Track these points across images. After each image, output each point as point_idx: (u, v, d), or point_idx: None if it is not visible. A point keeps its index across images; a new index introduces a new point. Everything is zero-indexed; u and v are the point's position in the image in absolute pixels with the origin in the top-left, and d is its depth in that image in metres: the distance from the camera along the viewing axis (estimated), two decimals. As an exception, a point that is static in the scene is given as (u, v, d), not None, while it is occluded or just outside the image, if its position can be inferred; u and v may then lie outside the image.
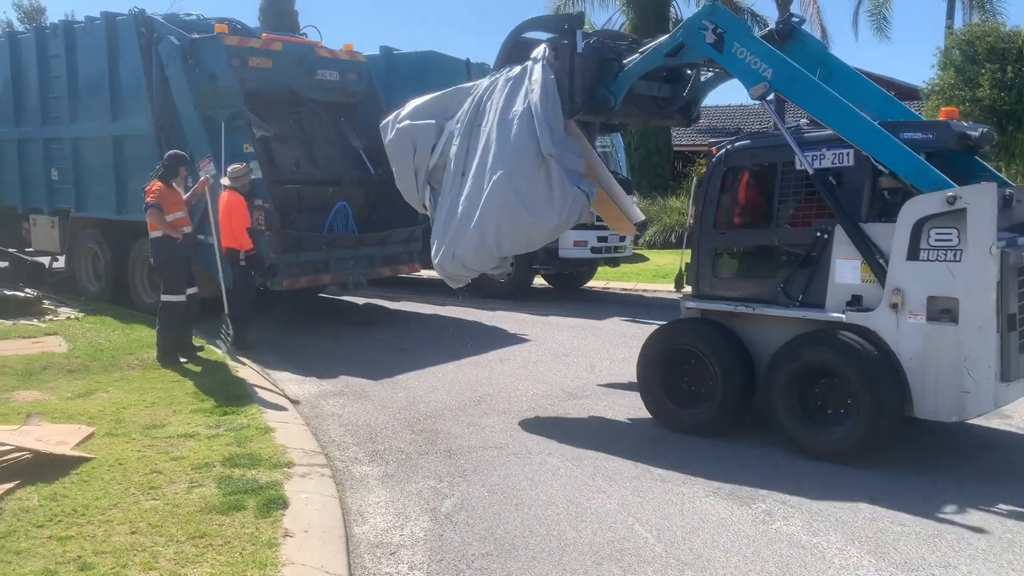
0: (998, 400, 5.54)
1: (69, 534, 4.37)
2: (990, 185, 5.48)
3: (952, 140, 5.94)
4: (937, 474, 5.62)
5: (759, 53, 6.06)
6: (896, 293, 5.57)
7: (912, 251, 5.53)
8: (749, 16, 27.04)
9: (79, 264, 12.41)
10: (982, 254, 5.32)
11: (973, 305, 5.38)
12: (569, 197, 6.53)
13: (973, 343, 5.38)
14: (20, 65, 12.52)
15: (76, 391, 7.16)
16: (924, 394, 5.58)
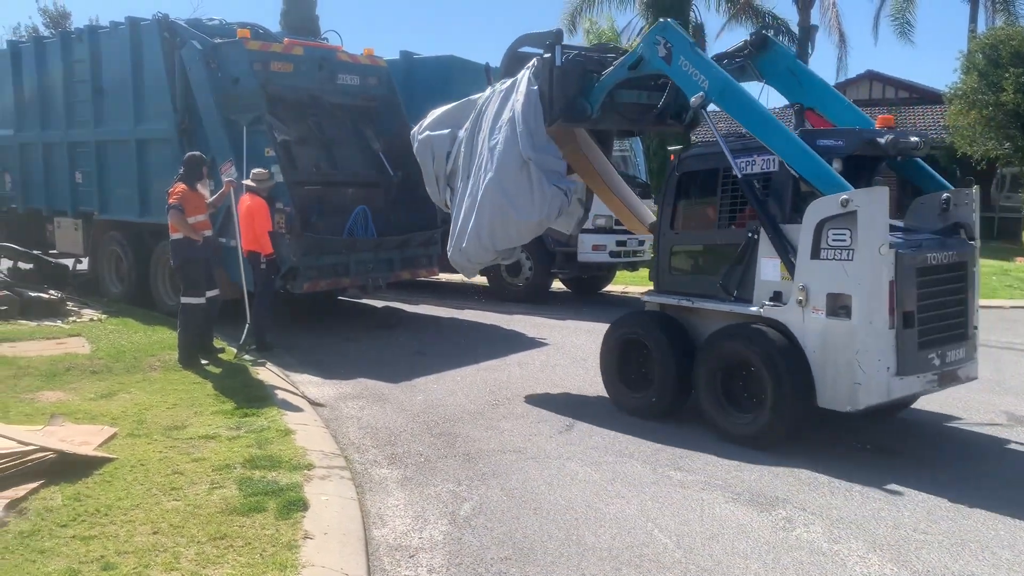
0: (891, 392, 5.88)
1: (92, 534, 4.41)
2: (881, 189, 5.89)
3: (860, 146, 6.32)
4: (964, 483, 5.57)
5: (699, 66, 6.60)
6: (802, 290, 5.97)
7: (814, 250, 5.93)
8: (770, 19, 26.94)
9: (102, 266, 12.54)
10: (872, 254, 5.71)
11: (864, 302, 5.75)
12: (548, 195, 7.16)
13: (864, 338, 5.75)
14: (46, 70, 12.67)
15: (99, 392, 7.23)
16: (825, 385, 5.96)
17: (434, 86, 12.87)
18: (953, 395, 7.62)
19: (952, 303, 6.34)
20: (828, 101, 7.10)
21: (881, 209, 5.79)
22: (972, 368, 6.55)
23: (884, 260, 5.74)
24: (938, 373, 6.17)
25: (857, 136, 6.39)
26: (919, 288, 5.97)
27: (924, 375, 6.07)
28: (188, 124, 10.47)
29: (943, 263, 6.20)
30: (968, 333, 6.47)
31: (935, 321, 6.14)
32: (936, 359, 6.14)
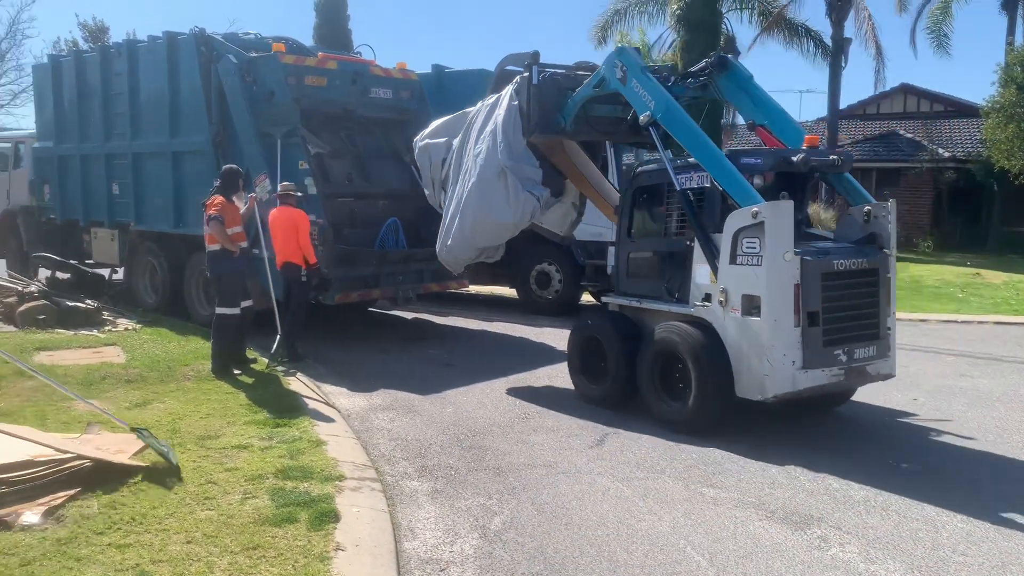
0: (796, 384, 6.45)
1: (127, 542, 4.46)
2: (786, 203, 6.55)
3: (777, 164, 6.97)
4: (1005, 504, 5.46)
5: (648, 88, 7.35)
6: (722, 292, 6.67)
7: (732, 256, 6.61)
8: (803, 31, 26.75)
9: (137, 276, 12.71)
10: (777, 259, 6.37)
11: (772, 302, 6.40)
12: (521, 200, 7.99)
13: (772, 334, 6.40)
14: (85, 83, 12.91)
15: (134, 401, 7.31)
16: (741, 376, 6.63)
17: (465, 99, 12.88)
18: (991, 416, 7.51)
19: (862, 305, 6.90)
20: (775, 118, 7.72)
21: (785, 220, 6.43)
22: (885, 366, 7.03)
23: (789, 265, 6.39)
24: (844, 368, 6.71)
25: (774, 155, 7.07)
26: (824, 291, 6.57)
27: (829, 369, 6.62)
28: (223, 137, 10.60)
29: (851, 269, 6.79)
30: (880, 333, 6.99)
31: (842, 321, 6.72)
32: (843, 355, 6.69)
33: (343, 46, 27.62)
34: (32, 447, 5.35)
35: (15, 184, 15.67)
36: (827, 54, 26.01)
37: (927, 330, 12.38)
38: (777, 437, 6.92)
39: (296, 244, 9.04)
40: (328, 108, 10.93)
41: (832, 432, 7.15)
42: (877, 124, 29.19)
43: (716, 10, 24.53)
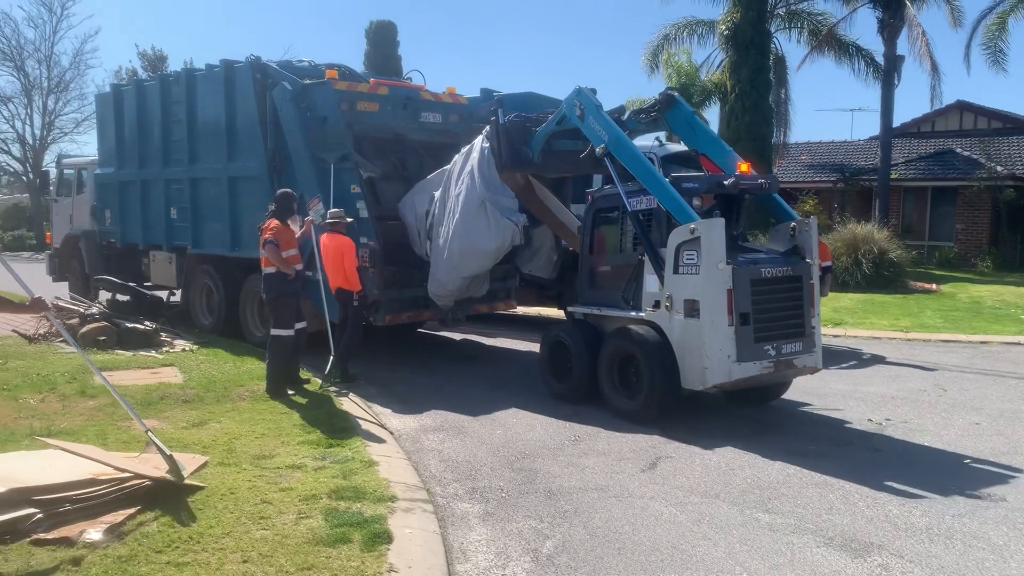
0: (731, 375, 7.42)
1: (185, 560, 4.53)
2: (718, 220, 7.56)
3: (712, 188, 8.07)
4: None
5: (601, 124, 8.47)
6: (668, 298, 7.71)
7: (675, 267, 7.65)
8: (854, 50, 26.44)
9: (194, 298, 12.99)
10: (712, 269, 7.39)
11: (707, 305, 7.44)
12: (502, 226, 8.94)
13: (708, 333, 7.41)
14: (145, 111, 13.29)
15: (191, 421, 7.45)
16: (684, 370, 7.65)
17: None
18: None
19: (788, 307, 7.92)
20: (714, 148, 8.89)
21: (718, 235, 7.43)
22: (811, 359, 8.03)
23: (722, 273, 7.36)
24: (773, 361, 7.69)
25: (708, 180, 8.19)
26: (753, 295, 7.55)
27: (760, 362, 7.60)
28: (278, 162, 10.81)
29: (777, 276, 7.83)
30: (805, 331, 7.99)
31: (770, 320, 7.71)
32: (772, 350, 7.67)
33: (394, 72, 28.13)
34: (94, 466, 5.49)
35: (78, 209, 16.17)
36: (879, 72, 25.64)
37: (988, 352, 12.05)
38: (832, 462, 6.78)
39: (343, 271, 9.18)
40: (379, 133, 11.08)
41: (889, 458, 6.98)
42: (932, 142, 28.64)
43: (765, 30, 24.41)
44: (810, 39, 27.00)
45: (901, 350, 12.60)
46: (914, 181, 26.69)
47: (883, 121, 25.08)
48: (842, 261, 18.70)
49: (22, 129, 43.54)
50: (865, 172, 27.36)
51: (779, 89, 27.08)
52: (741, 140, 23.61)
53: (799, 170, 29.46)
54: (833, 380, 10.29)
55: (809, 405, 8.91)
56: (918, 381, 10.27)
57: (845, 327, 14.52)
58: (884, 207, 24.23)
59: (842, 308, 16.28)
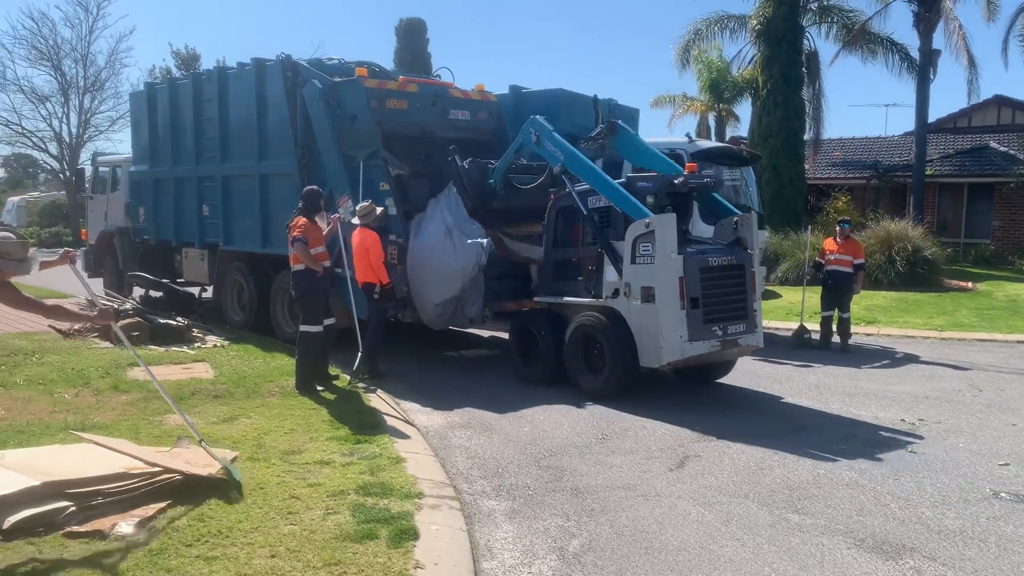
0: (684, 352, 8.30)
1: (214, 554, 4.57)
2: (670, 216, 8.46)
3: (664, 186, 9.00)
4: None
5: (557, 145, 9.48)
6: (627, 286, 8.54)
7: (632, 258, 8.49)
8: (888, 45, 26.05)
9: (225, 295, 13.13)
10: (665, 258, 8.26)
11: (662, 292, 8.30)
12: (466, 248, 9.62)
13: (664, 316, 8.28)
14: (178, 109, 13.45)
15: (221, 416, 7.53)
16: (642, 350, 8.48)
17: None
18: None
19: (732, 292, 8.76)
20: (658, 163, 9.83)
21: (670, 229, 8.32)
22: (752, 338, 8.89)
23: (674, 263, 8.23)
24: (720, 341, 8.57)
25: (661, 179, 9.14)
26: (702, 281, 8.42)
27: (709, 341, 8.47)
28: (308, 159, 10.88)
29: (723, 264, 8.69)
30: (748, 314, 8.85)
31: (717, 304, 8.58)
32: (719, 331, 8.56)
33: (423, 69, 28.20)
34: (126, 460, 5.56)
35: (112, 206, 16.41)
36: (913, 67, 25.24)
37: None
38: (864, 462, 6.69)
39: (369, 264, 9.23)
40: (408, 130, 11.11)
41: (922, 459, 6.87)
42: (969, 137, 28.14)
43: (797, 24, 24.13)
44: (843, 34, 26.65)
45: (935, 349, 12.41)
46: (950, 177, 26.23)
47: (918, 116, 24.68)
48: (875, 259, 18.41)
49: (59, 127, 44.28)
50: (899, 168, 26.94)
51: (811, 84, 26.73)
52: (773, 136, 23.38)
53: (830, 167, 29.10)
54: (865, 380, 10.16)
55: (841, 405, 8.80)
56: (953, 381, 10.10)
57: (878, 325, 14.33)
58: (919, 204, 23.85)
59: (875, 306, 16.06)
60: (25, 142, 45.28)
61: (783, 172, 23.18)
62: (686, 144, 12.73)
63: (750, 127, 25.18)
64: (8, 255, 5.02)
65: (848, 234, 12.54)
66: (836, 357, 11.72)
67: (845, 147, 30.86)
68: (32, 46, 42.31)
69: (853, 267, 12.31)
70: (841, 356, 11.81)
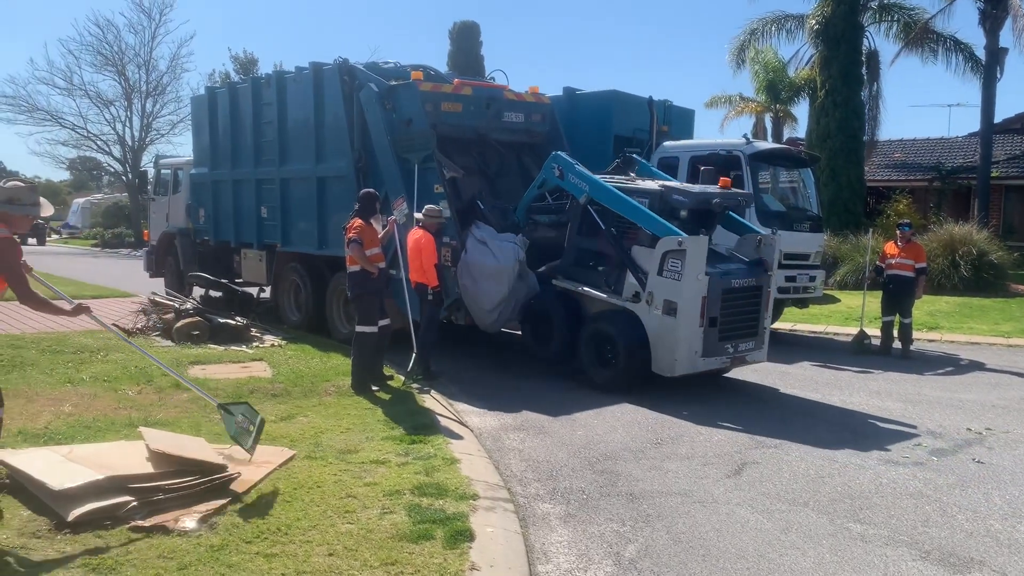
0: (695, 367, 8.78)
1: (274, 551, 4.63)
2: (702, 238, 8.76)
3: (698, 204, 9.25)
4: None
5: (580, 177, 9.69)
6: (650, 295, 8.83)
7: (660, 270, 8.76)
8: (952, 43, 25.36)
9: (282, 295, 13.32)
10: (693, 278, 8.56)
11: (685, 308, 8.60)
12: (503, 248, 9.92)
13: (683, 331, 8.63)
14: (238, 112, 13.70)
15: (279, 415, 7.63)
16: (656, 357, 8.83)
17: (596, 121, 12.96)
18: None
19: (747, 312, 9.20)
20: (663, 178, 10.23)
21: (702, 250, 8.65)
22: (758, 355, 9.49)
23: (700, 283, 8.59)
24: (730, 357, 9.11)
25: (697, 197, 9.32)
26: (722, 303, 8.81)
27: (720, 357, 8.98)
28: (364, 162, 10.99)
29: (744, 286, 9.09)
30: (758, 332, 9.37)
31: (732, 323, 9.00)
32: (730, 347, 9.05)
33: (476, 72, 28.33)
34: (189, 456, 5.67)
35: (173, 208, 16.79)
36: (978, 66, 24.53)
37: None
38: (928, 472, 6.52)
39: (421, 265, 9.29)
40: (463, 133, 11.16)
41: (990, 469, 6.66)
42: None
43: (857, 23, 23.64)
44: (904, 32, 26.03)
45: (1002, 356, 12.03)
46: (1017, 179, 25.45)
47: (983, 116, 23.99)
48: (938, 263, 17.94)
49: (122, 131, 45.60)
50: (963, 170, 26.22)
51: (871, 85, 26.17)
52: (831, 137, 22.94)
53: (890, 168, 28.45)
54: (928, 387, 9.91)
55: (903, 412, 8.58)
56: (1020, 389, 9.79)
57: (941, 331, 13.96)
58: (984, 206, 23.18)
59: (938, 312, 15.65)
60: (90, 145, 46.79)
61: (842, 174, 22.73)
62: (743, 145, 12.56)
63: (808, 128, 24.74)
64: (19, 200, 5.18)
65: (909, 237, 12.24)
66: (897, 363, 11.44)
67: (906, 148, 30.15)
68: (98, 52, 43.72)
69: (915, 271, 12.00)
70: (902, 362, 11.53)
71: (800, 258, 12.73)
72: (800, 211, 13.43)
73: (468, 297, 10.07)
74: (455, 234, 10.05)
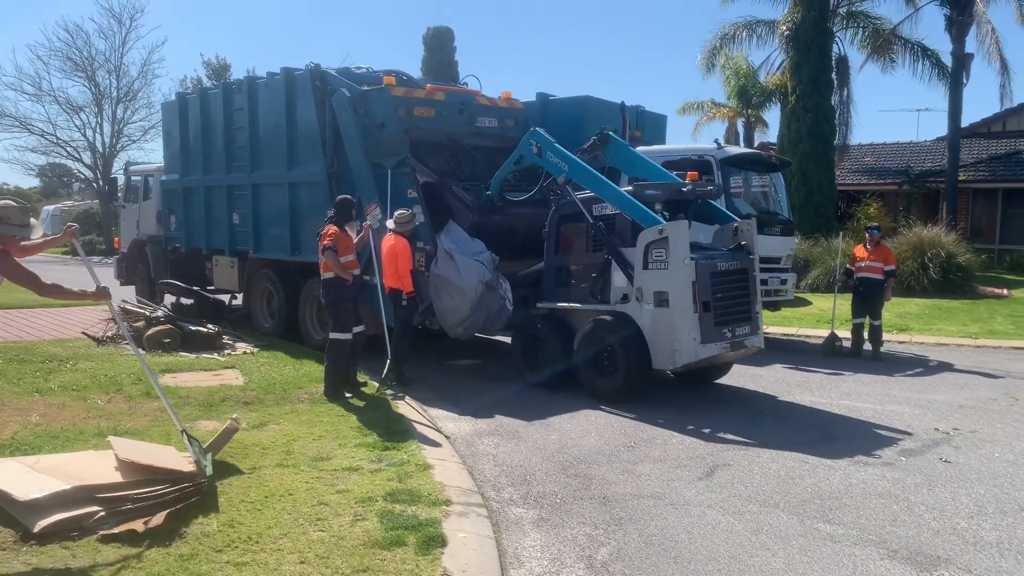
0: (698, 354, 8.50)
1: (244, 560, 4.60)
2: (682, 223, 8.64)
3: (671, 194, 9.21)
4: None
5: (560, 156, 9.60)
6: (638, 291, 8.70)
7: (645, 263, 8.66)
8: (919, 50, 25.76)
9: (255, 302, 13.25)
10: (679, 264, 8.43)
11: (676, 296, 8.47)
12: (469, 266, 9.69)
13: (678, 319, 8.45)
14: (209, 118, 13.61)
15: (251, 423, 7.57)
16: (655, 352, 8.63)
17: (569, 126, 12.96)
18: None
19: (738, 296, 9.07)
20: (652, 172, 10.01)
21: (683, 235, 8.51)
22: (756, 340, 9.26)
23: (687, 268, 8.41)
24: (730, 342, 8.86)
25: (669, 187, 9.31)
26: (712, 286, 8.68)
27: (720, 343, 8.74)
28: (337, 168, 10.97)
29: (730, 269, 8.99)
30: (751, 316, 9.20)
31: (726, 307, 8.85)
32: (728, 332, 8.86)
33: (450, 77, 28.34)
34: (158, 465, 5.61)
35: (144, 215, 16.63)
36: (944, 73, 24.93)
37: (1063, 360, 11.58)
38: (897, 472, 6.60)
39: (396, 271, 9.27)
40: (436, 138, 11.16)
41: (957, 468, 6.75)
42: (1003, 142, 27.77)
43: (827, 29, 23.95)
44: (872, 38, 26.40)
45: (970, 357, 12.22)
46: (984, 183, 25.87)
47: (951, 121, 24.39)
48: (908, 266, 18.20)
49: (92, 137, 45.10)
50: (932, 174, 26.62)
51: (841, 90, 26.53)
52: (802, 142, 23.20)
53: (860, 172, 28.81)
54: (898, 388, 10.03)
55: (873, 413, 8.69)
56: (987, 390, 9.93)
57: (911, 333, 14.14)
58: (952, 210, 23.54)
59: (908, 314, 15.85)
60: (60, 152, 46.23)
61: (813, 178, 22.98)
62: (715, 150, 12.66)
63: (779, 133, 25.01)
64: (8, 219, 5.15)
65: (878, 240, 12.39)
66: (868, 365, 11.57)
67: (876, 153, 30.55)
68: (67, 58, 43.21)
69: (884, 274, 12.15)
70: (873, 364, 11.66)
71: (772, 261, 12.85)
72: (771, 215, 13.56)
73: (436, 308, 10.03)
74: (429, 239, 10.04)
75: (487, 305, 9.99)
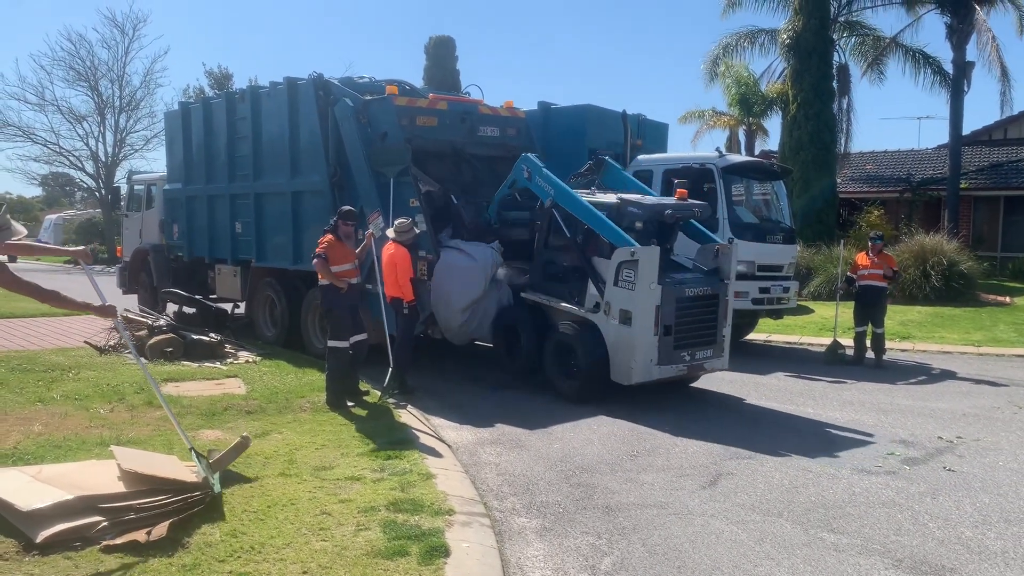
0: (651, 375, 8.89)
1: (247, 570, 4.58)
2: (654, 249, 8.91)
3: (651, 216, 9.35)
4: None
5: (548, 181, 9.93)
6: (607, 304, 9.05)
7: (615, 280, 8.97)
8: (920, 58, 25.81)
9: (257, 311, 13.24)
10: (645, 287, 8.75)
11: (639, 318, 8.78)
12: (480, 249, 10.21)
13: (638, 340, 8.79)
14: (212, 127, 13.64)
15: (253, 431, 7.54)
16: (614, 367, 9.00)
17: (571, 134, 13.01)
18: None
19: (704, 321, 9.32)
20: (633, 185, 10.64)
21: (653, 260, 8.79)
22: (718, 363, 9.59)
23: (653, 292, 8.75)
24: (687, 365, 9.25)
25: (651, 209, 9.39)
26: (677, 311, 8.97)
27: (676, 366, 9.10)
28: (339, 177, 10.98)
29: (698, 295, 9.21)
30: (716, 340, 9.48)
31: (687, 332, 9.14)
32: (687, 356, 9.19)
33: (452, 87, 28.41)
34: (161, 475, 5.61)
35: (147, 224, 16.66)
36: (945, 80, 24.98)
37: (1067, 368, 11.56)
38: (901, 481, 6.58)
39: (396, 280, 9.28)
40: (437, 147, 11.18)
41: (961, 477, 6.74)
42: (1005, 150, 27.77)
43: (828, 37, 23.99)
44: (874, 45, 26.45)
45: (973, 365, 12.19)
46: (985, 190, 25.87)
47: (952, 129, 24.41)
48: (909, 273, 18.19)
49: (95, 146, 45.10)
50: (933, 182, 26.63)
51: (842, 97, 26.57)
52: (803, 150, 23.22)
53: (862, 180, 28.82)
54: (901, 396, 10.01)
55: (876, 422, 8.67)
56: (991, 398, 9.91)
57: (913, 341, 14.12)
58: (954, 217, 23.54)
59: (910, 321, 15.83)
60: (62, 161, 46.20)
61: (814, 186, 22.98)
62: (716, 158, 12.68)
63: (780, 141, 25.04)
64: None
65: (881, 249, 12.39)
66: (870, 373, 11.56)
67: (877, 160, 30.56)
68: (70, 67, 43.24)
69: (888, 277, 12.17)
70: (875, 372, 11.65)
71: (774, 269, 12.85)
72: (773, 223, 13.57)
73: (440, 296, 10.10)
74: (431, 248, 10.04)
75: (489, 299, 10.11)
